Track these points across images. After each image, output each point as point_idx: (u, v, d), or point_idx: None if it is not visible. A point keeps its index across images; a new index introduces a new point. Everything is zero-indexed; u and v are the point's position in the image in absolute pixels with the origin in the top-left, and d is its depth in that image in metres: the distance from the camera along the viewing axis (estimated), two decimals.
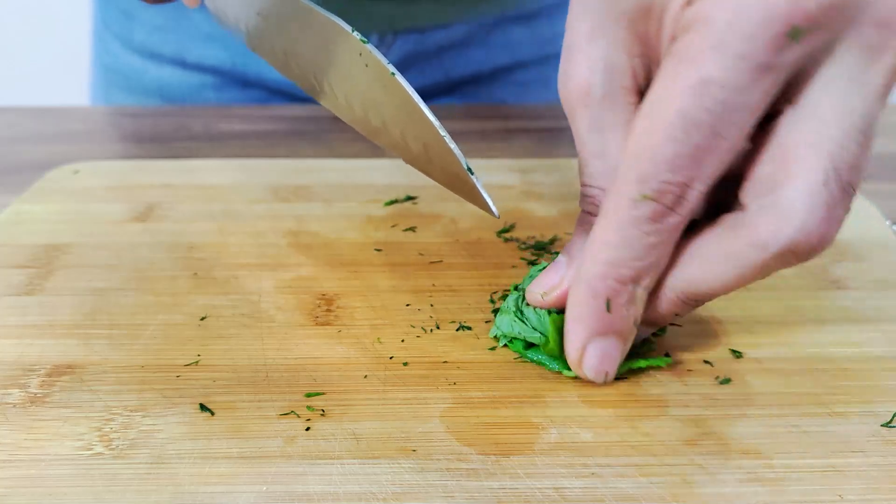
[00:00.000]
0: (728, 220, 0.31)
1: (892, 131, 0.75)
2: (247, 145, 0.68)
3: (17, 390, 0.36)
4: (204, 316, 0.41)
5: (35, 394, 0.35)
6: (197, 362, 0.38)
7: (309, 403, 0.35)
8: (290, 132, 0.70)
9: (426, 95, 0.79)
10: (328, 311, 0.42)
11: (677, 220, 0.31)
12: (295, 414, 0.34)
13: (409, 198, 0.55)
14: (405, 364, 0.37)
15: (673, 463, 0.31)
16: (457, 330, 0.40)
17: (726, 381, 0.36)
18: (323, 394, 0.35)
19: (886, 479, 0.31)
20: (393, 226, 0.51)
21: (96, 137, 0.72)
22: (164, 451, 0.32)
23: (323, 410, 0.34)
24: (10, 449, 0.32)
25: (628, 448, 0.32)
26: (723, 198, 0.32)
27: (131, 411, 0.34)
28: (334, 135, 0.68)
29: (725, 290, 0.32)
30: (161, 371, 0.37)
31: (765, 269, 0.31)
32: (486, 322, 0.41)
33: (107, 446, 0.32)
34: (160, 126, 0.73)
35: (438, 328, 0.40)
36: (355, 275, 0.45)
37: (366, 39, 0.36)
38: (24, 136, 0.71)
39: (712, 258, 0.32)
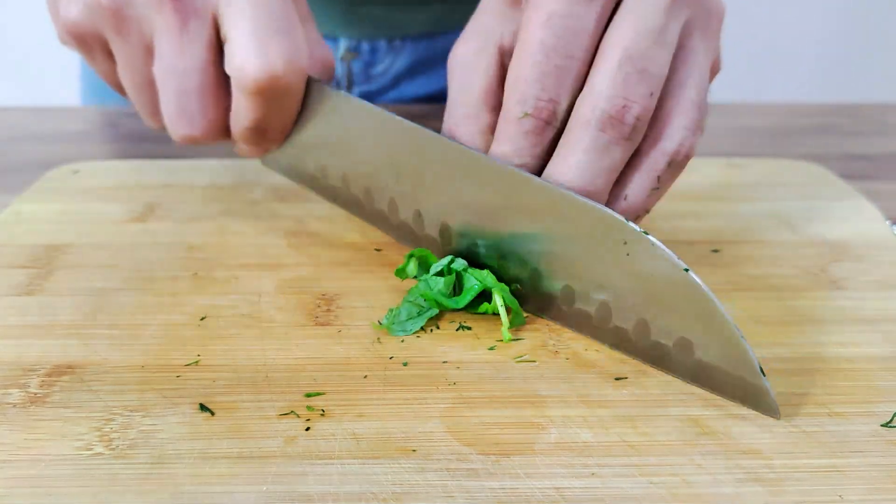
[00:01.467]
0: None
1: (892, 131, 0.75)
2: None
3: (17, 390, 0.36)
4: (204, 316, 0.41)
5: (35, 394, 0.35)
6: (197, 362, 0.38)
7: (309, 403, 0.35)
8: None
9: (436, 101, 0.79)
10: (328, 311, 0.42)
11: (552, 131, 0.39)
12: (295, 414, 0.34)
13: None
14: (405, 364, 0.37)
15: (673, 463, 0.31)
16: (457, 330, 0.40)
17: None
18: (323, 394, 0.35)
19: (886, 479, 0.31)
20: None
21: (96, 137, 0.72)
22: (164, 452, 0.32)
23: (323, 410, 0.34)
24: (10, 449, 0.32)
25: (628, 448, 0.32)
26: None
27: (131, 411, 0.34)
28: None
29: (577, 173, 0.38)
30: (161, 371, 0.37)
31: (594, 144, 0.37)
32: (486, 322, 0.41)
33: (107, 446, 0.32)
34: None
35: (438, 328, 0.40)
36: (355, 275, 0.45)
37: (646, 234, 0.35)
38: (24, 136, 0.71)
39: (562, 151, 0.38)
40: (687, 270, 0.34)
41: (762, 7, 1.72)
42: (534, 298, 0.41)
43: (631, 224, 0.35)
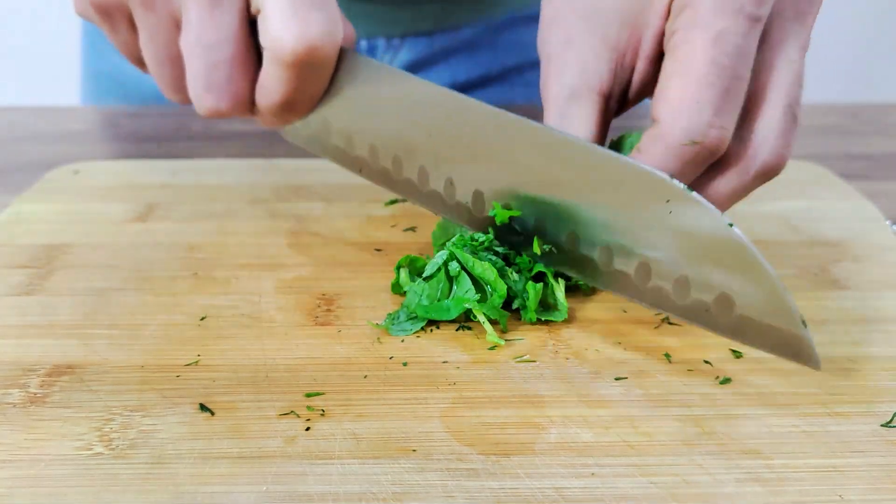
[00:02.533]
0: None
1: (892, 131, 0.75)
2: (247, 145, 0.68)
3: (17, 390, 0.35)
4: (204, 316, 0.41)
5: (35, 394, 0.35)
6: (197, 362, 0.37)
7: (309, 403, 0.35)
8: None
9: None
10: (328, 311, 0.42)
11: (711, 161, 0.37)
12: (295, 414, 0.34)
13: None
14: (405, 364, 0.37)
15: (673, 463, 0.31)
16: (457, 330, 0.40)
17: (726, 381, 0.36)
18: (323, 394, 0.35)
19: (886, 479, 0.31)
20: (393, 226, 0.51)
21: (97, 137, 0.72)
22: (164, 451, 0.32)
23: (323, 410, 0.34)
24: (10, 449, 0.32)
25: (628, 448, 0.32)
26: None
27: (131, 411, 0.34)
28: None
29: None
30: (161, 371, 0.37)
31: (746, 190, 0.38)
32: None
33: (107, 446, 0.32)
34: (160, 126, 0.73)
35: (438, 328, 0.40)
36: (355, 275, 0.45)
37: (688, 190, 0.34)
38: (24, 136, 0.71)
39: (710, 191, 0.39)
40: (731, 226, 0.34)
41: None
42: (573, 262, 0.40)
43: (675, 182, 0.35)
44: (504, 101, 0.80)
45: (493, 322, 0.40)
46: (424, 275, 0.41)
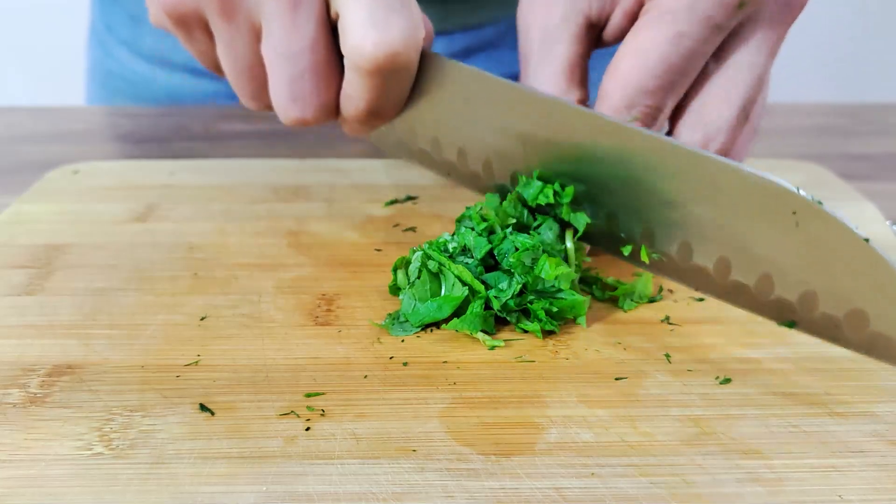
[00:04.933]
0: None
1: (892, 131, 0.75)
2: (247, 145, 0.68)
3: (17, 390, 0.36)
4: (204, 316, 0.41)
5: (35, 394, 0.35)
6: (197, 362, 0.38)
7: (309, 403, 0.35)
8: (290, 132, 0.70)
9: None
10: (328, 311, 0.42)
11: None
12: (295, 414, 0.34)
13: (410, 198, 0.55)
14: (405, 364, 0.37)
15: (673, 463, 0.31)
16: (457, 330, 0.40)
17: (726, 381, 0.36)
18: (323, 394, 0.35)
19: (886, 479, 0.31)
20: (394, 226, 0.51)
21: (96, 137, 0.72)
22: (164, 451, 0.32)
23: (323, 410, 0.34)
24: (10, 449, 0.32)
25: (628, 448, 0.32)
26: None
27: (131, 411, 0.34)
28: (334, 134, 0.68)
29: None
30: (161, 371, 0.37)
31: None
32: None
33: (107, 446, 0.32)
34: (160, 126, 0.73)
35: (438, 328, 0.40)
36: (355, 275, 0.45)
37: (819, 201, 0.33)
38: (24, 136, 0.71)
39: None
40: (867, 241, 0.32)
41: None
42: (683, 271, 0.39)
43: (802, 192, 0.34)
44: None
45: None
46: (410, 279, 0.41)
